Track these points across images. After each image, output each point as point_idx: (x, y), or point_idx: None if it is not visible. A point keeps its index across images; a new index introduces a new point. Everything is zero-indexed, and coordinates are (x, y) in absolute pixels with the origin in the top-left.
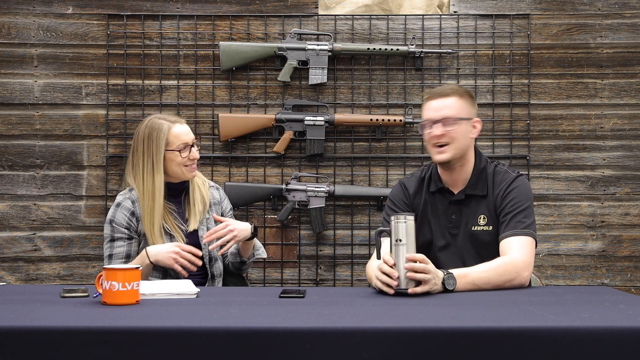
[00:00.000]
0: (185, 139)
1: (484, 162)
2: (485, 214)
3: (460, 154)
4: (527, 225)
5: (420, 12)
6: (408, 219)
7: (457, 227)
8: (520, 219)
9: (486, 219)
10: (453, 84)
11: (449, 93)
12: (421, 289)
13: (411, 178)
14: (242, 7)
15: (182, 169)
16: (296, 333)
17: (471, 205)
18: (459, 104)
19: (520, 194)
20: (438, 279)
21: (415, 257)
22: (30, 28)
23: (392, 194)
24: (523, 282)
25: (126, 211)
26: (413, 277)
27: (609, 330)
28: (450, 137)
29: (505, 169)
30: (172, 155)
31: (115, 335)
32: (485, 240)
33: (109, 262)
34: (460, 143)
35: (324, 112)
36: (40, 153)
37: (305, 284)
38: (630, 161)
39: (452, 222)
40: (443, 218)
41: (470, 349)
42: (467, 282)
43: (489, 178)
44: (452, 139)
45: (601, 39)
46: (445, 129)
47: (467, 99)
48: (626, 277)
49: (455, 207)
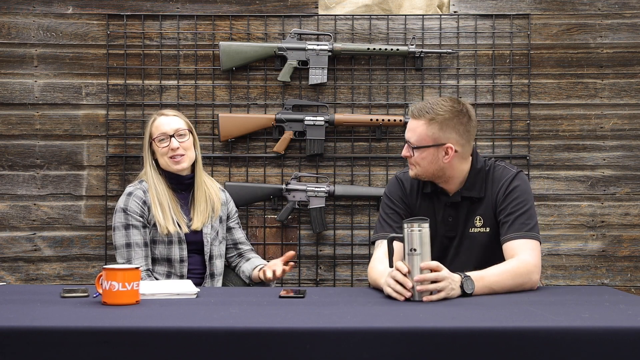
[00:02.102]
0: (163, 129)
1: (481, 162)
2: (481, 216)
3: (431, 175)
4: (531, 228)
5: (420, 12)
6: (423, 227)
7: (454, 229)
8: (524, 221)
9: (482, 221)
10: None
11: (417, 116)
12: (437, 296)
13: (407, 173)
14: (242, 7)
15: (167, 160)
16: (296, 333)
17: (467, 206)
18: (424, 130)
19: (523, 194)
20: (455, 283)
21: (430, 265)
22: (30, 28)
23: (390, 190)
24: (533, 286)
25: (138, 199)
26: (425, 289)
27: (609, 330)
28: (414, 160)
29: (503, 166)
30: (155, 146)
31: (115, 335)
32: (482, 241)
33: (127, 250)
34: (425, 167)
35: (324, 112)
36: (40, 153)
37: (305, 284)
38: (630, 161)
39: (448, 225)
40: (439, 221)
41: (470, 349)
42: (484, 286)
43: (487, 178)
44: (416, 163)
45: (601, 39)
46: (408, 152)
47: (439, 124)
48: (626, 277)
49: (451, 209)
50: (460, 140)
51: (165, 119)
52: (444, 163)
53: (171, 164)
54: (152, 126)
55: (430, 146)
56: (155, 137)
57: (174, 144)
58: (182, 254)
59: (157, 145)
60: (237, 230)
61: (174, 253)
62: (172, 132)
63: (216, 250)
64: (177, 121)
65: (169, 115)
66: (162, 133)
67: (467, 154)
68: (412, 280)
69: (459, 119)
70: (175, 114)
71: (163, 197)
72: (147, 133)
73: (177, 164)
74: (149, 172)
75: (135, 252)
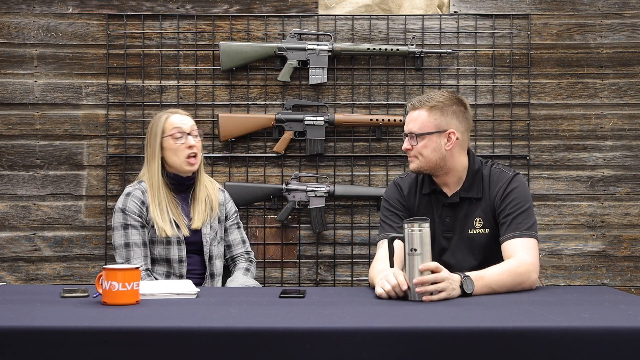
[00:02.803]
0: (179, 126)
1: (479, 163)
2: (480, 217)
3: (432, 166)
4: (529, 227)
5: (420, 12)
6: (423, 227)
7: (451, 230)
8: (522, 221)
9: (482, 222)
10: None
11: (417, 106)
12: (438, 297)
13: (405, 178)
14: (242, 7)
15: (181, 160)
16: (296, 333)
17: (466, 207)
18: (425, 117)
19: (520, 195)
20: (455, 283)
21: (429, 266)
22: (30, 28)
23: (387, 194)
24: (532, 285)
25: (137, 200)
26: (425, 290)
27: (609, 330)
28: (416, 151)
29: (500, 169)
30: (168, 143)
31: (115, 335)
32: (481, 242)
33: (126, 250)
34: (427, 157)
35: (324, 112)
36: (40, 153)
37: (305, 284)
38: (630, 161)
39: (446, 225)
40: (437, 221)
41: (470, 349)
42: (484, 285)
43: (485, 179)
44: (418, 154)
45: (601, 39)
46: (410, 143)
47: (440, 110)
48: (626, 277)
49: (449, 210)
50: (460, 127)
51: (179, 117)
52: (446, 151)
53: (185, 166)
54: (165, 122)
55: (433, 132)
56: (170, 134)
57: (191, 141)
58: (181, 254)
59: (172, 142)
60: (233, 232)
61: (172, 253)
62: (188, 130)
63: (215, 250)
64: (191, 121)
65: (182, 114)
66: (179, 129)
67: (465, 144)
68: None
69: (457, 106)
70: (187, 114)
71: (163, 199)
72: (157, 130)
73: (192, 166)
74: (155, 171)
75: (134, 251)
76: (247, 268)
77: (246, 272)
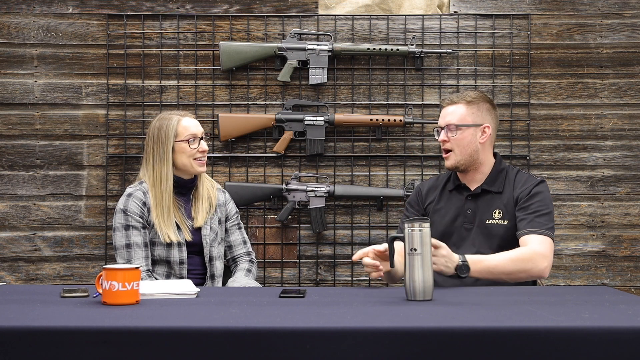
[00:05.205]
0: (193, 131)
1: (504, 165)
2: (500, 209)
3: (467, 159)
4: (548, 228)
5: (420, 12)
6: (424, 227)
7: (471, 221)
8: (543, 221)
9: (501, 214)
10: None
11: (455, 100)
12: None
13: (429, 180)
14: (242, 7)
15: (192, 162)
16: (296, 333)
17: (487, 199)
18: (463, 110)
19: (545, 199)
20: (451, 263)
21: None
22: (30, 28)
23: (409, 199)
24: (540, 273)
25: (138, 201)
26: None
27: (609, 330)
28: (453, 143)
29: (529, 173)
30: (181, 147)
31: (115, 335)
32: (499, 233)
33: (127, 250)
34: (464, 149)
35: (324, 112)
36: (40, 153)
37: (305, 284)
38: (630, 161)
39: (467, 217)
40: (459, 214)
41: (470, 349)
42: (482, 268)
43: (509, 178)
44: (454, 146)
45: (601, 39)
46: (448, 135)
47: (477, 105)
48: (626, 277)
49: (471, 202)
50: (492, 124)
51: (191, 120)
52: (480, 144)
53: (197, 167)
54: (177, 126)
55: (471, 125)
56: (185, 138)
57: (204, 146)
58: (182, 256)
59: (186, 146)
60: (234, 232)
61: (173, 255)
62: (201, 135)
63: (215, 251)
64: (199, 125)
65: (192, 117)
66: (193, 134)
67: (493, 140)
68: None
69: (490, 104)
70: (194, 116)
71: (170, 204)
72: (168, 133)
73: (203, 167)
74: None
75: (136, 252)
76: (248, 269)
77: (247, 273)
